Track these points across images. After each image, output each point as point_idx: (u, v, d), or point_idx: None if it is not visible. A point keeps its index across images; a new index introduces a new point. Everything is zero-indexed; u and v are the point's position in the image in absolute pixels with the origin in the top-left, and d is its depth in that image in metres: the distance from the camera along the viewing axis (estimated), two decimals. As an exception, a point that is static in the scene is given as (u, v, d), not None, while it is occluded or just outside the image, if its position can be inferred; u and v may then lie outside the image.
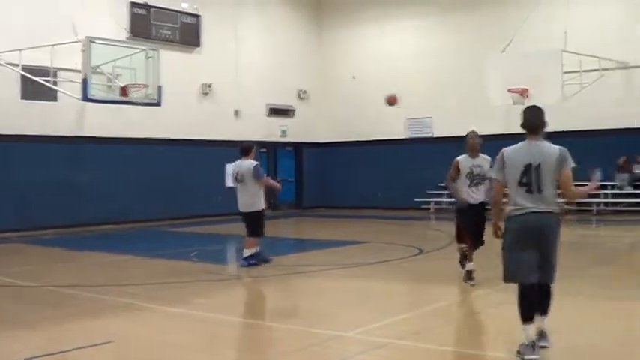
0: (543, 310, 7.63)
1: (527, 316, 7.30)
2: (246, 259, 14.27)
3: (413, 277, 13.43)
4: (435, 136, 30.28)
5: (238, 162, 14.66)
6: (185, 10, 27.95)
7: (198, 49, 28.56)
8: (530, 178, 7.40)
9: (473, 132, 12.03)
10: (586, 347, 7.85)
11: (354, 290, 12.03)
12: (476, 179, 11.78)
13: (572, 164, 7.46)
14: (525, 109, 7.79)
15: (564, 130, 26.36)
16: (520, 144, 7.62)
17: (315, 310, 10.71)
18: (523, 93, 23.41)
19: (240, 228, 14.91)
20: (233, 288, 12.93)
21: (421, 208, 29.42)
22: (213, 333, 9.09)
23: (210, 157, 28.21)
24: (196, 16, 28.27)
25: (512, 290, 7.78)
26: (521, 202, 7.44)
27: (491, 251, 9.41)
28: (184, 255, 16.72)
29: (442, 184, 28.70)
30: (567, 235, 22.80)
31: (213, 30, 28.96)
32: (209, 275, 13.74)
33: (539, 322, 7.52)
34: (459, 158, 11.86)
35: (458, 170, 11.82)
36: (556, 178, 7.40)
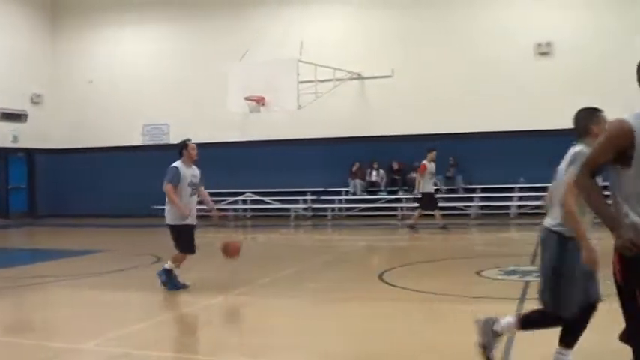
0: None
1: None
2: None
3: (150, 286, 13.25)
4: (171, 142, 30.03)
5: None
6: None
7: None
8: None
9: None
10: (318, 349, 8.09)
11: (90, 301, 11.72)
12: None
13: None
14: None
15: (300, 137, 27.28)
16: None
17: (49, 322, 10.35)
18: (259, 101, 23.77)
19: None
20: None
21: (159, 216, 29.02)
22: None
23: None
24: None
25: (247, 296, 7.89)
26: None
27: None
28: None
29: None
30: (304, 239, 23.41)
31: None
32: None
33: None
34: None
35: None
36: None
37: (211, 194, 12.34)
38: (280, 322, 9.59)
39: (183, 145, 12.38)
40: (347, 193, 27.39)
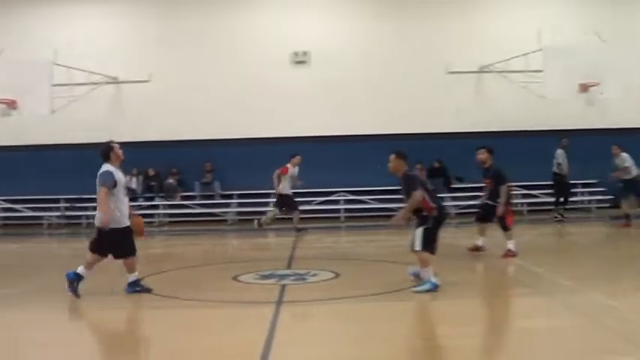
0: None
1: None
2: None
3: None
4: None
5: None
6: None
7: None
8: None
9: None
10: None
11: None
12: None
13: None
14: None
15: (54, 142, 26.46)
16: None
17: None
18: (11, 104, 22.91)
19: None
20: None
21: None
22: None
23: None
24: None
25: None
26: None
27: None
28: None
29: None
30: (59, 248, 22.70)
31: None
32: None
33: None
34: None
35: None
36: None
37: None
38: (34, 335, 9.25)
39: (109, 147, 11.74)
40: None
